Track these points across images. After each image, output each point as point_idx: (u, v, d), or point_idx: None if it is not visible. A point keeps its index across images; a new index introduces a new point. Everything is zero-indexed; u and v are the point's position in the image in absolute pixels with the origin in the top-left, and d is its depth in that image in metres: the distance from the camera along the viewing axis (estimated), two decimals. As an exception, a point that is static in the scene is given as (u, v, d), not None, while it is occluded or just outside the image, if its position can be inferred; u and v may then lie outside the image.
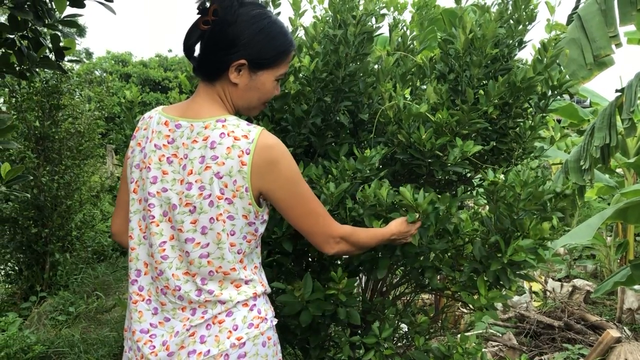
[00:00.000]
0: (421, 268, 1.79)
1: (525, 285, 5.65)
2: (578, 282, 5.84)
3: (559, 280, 6.33)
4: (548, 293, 5.65)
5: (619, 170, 6.58)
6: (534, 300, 5.56)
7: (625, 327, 4.81)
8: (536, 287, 5.79)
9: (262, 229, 1.42)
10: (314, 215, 1.41)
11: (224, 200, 1.31)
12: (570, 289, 5.74)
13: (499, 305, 4.79)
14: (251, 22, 1.35)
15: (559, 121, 9.23)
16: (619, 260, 6.13)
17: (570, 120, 6.60)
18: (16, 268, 5.08)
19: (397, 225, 1.59)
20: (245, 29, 1.34)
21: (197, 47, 1.39)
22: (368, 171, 1.69)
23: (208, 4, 1.33)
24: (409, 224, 1.60)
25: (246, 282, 1.39)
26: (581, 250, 7.10)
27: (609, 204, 7.05)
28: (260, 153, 1.30)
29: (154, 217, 1.37)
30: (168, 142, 1.38)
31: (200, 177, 1.31)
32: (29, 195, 4.56)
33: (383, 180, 1.69)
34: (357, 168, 1.66)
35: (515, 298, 5.36)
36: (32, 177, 4.63)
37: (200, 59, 1.38)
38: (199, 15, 1.35)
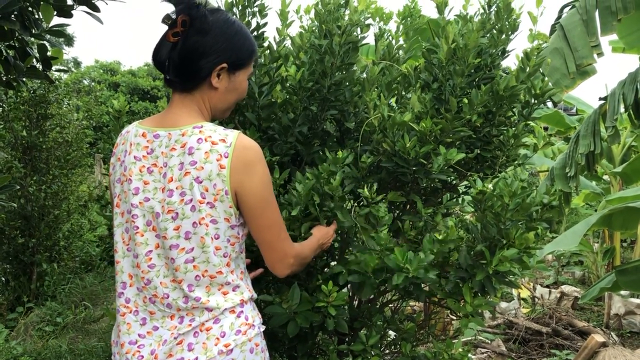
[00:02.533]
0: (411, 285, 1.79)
1: (514, 292, 5.68)
2: (566, 288, 5.89)
3: (547, 286, 6.38)
4: (536, 299, 5.69)
5: (605, 177, 6.67)
6: (523, 307, 5.59)
7: (612, 333, 4.85)
8: (525, 293, 5.82)
9: (242, 232, 1.43)
10: (277, 227, 1.43)
11: (206, 205, 1.32)
12: (558, 295, 5.79)
13: (487, 312, 4.81)
14: (225, 28, 1.39)
15: (545, 129, 9.33)
16: (606, 266, 6.19)
17: (557, 127, 6.68)
18: (2, 279, 5.03)
19: (318, 230, 1.67)
20: (221, 35, 1.38)
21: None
22: (342, 172, 1.70)
23: (174, 16, 1.35)
24: (326, 227, 1.70)
25: (233, 289, 1.40)
26: (569, 256, 7.16)
27: (595, 211, 7.12)
28: (238, 155, 1.32)
29: (138, 227, 1.38)
30: (147, 153, 1.39)
31: (180, 183, 1.32)
32: (15, 205, 4.53)
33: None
34: (330, 170, 1.67)
35: (504, 304, 5.38)
36: (19, 187, 4.60)
37: (176, 70, 1.39)
38: (167, 27, 1.36)
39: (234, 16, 1.46)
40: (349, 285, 2.10)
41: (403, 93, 2.13)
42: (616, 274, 3.46)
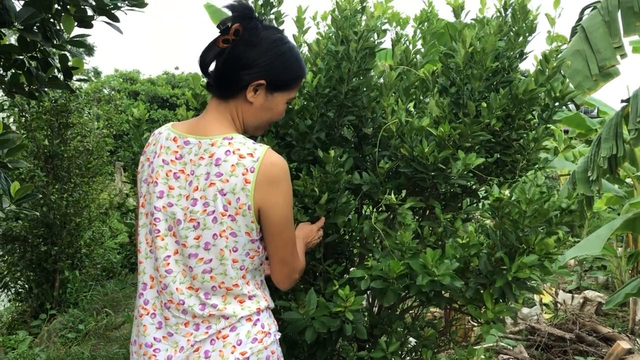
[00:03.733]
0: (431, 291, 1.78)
1: (536, 297, 5.60)
2: (589, 293, 5.79)
3: (570, 292, 6.27)
4: (559, 305, 5.60)
5: (628, 180, 6.55)
6: (545, 313, 5.51)
7: (638, 339, 4.75)
8: (547, 299, 5.74)
9: (262, 245, 1.43)
10: (292, 244, 1.45)
11: (227, 217, 1.32)
12: (581, 300, 5.69)
13: (509, 318, 4.75)
14: (273, 46, 1.39)
15: (566, 131, 9.21)
16: (630, 271, 6.07)
17: (578, 130, 6.59)
18: (26, 286, 5.11)
19: (301, 230, 1.69)
20: (267, 52, 1.38)
21: (213, 64, 1.42)
22: (339, 169, 1.72)
23: (229, 24, 1.36)
24: (309, 225, 1.72)
25: (249, 298, 1.40)
26: (592, 261, 7.03)
27: (619, 214, 7.00)
28: (264, 171, 1.32)
29: (159, 231, 1.39)
30: (176, 158, 1.40)
31: (204, 193, 1.33)
32: (38, 214, 4.60)
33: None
34: (326, 171, 1.70)
35: (526, 310, 5.31)
36: (41, 196, 4.68)
37: (217, 76, 1.40)
38: (219, 33, 1.37)
39: (290, 41, 1.45)
40: (369, 292, 2.09)
41: (421, 97, 2.12)
42: (641, 279, 3.39)
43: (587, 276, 6.86)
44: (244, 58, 1.36)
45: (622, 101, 3.32)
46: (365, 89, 1.94)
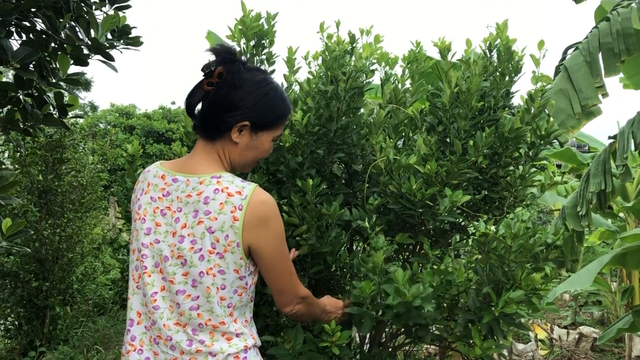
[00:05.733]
0: (414, 325, 1.78)
1: (531, 333, 5.56)
2: (584, 329, 5.75)
3: (565, 327, 6.23)
4: (554, 341, 5.55)
5: (621, 214, 6.58)
6: (540, 349, 5.46)
7: (634, 376, 4.70)
8: (542, 335, 5.69)
9: (251, 282, 1.44)
10: (288, 274, 1.46)
11: (215, 255, 1.34)
12: (576, 336, 5.65)
13: (505, 354, 4.70)
14: (256, 87, 1.42)
15: (559, 166, 9.29)
16: (625, 306, 6.04)
17: (570, 164, 6.66)
18: (16, 322, 5.04)
19: (328, 299, 1.71)
20: (250, 94, 1.41)
21: (199, 106, 1.46)
22: (315, 199, 1.76)
23: (213, 67, 1.40)
24: (338, 300, 1.73)
25: (237, 335, 1.41)
26: (587, 296, 7.01)
27: (612, 249, 7.01)
28: (252, 209, 1.34)
29: (146, 267, 1.40)
30: (163, 195, 1.42)
31: (192, 231, 1.35)
32: (29, 250, 4.58)
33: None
34: (305, 199, 1.73)
35: (521, 346, 5.26)
36: (33, 232, 4.66)
37: (202, 118, 1.44)
38: (204, 76, 1.41)
39: (274, 81, 1.50)
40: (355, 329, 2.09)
41: (410, 135, 2.16)
42: (633, 315, 3.39)
43: (582, 311, 6.82)
44: (228, 100, 1.39)
45: (610, 137, 3.37)
46: (355, 127, 1.98)
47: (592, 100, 2.60)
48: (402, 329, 2.12)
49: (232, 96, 1.39)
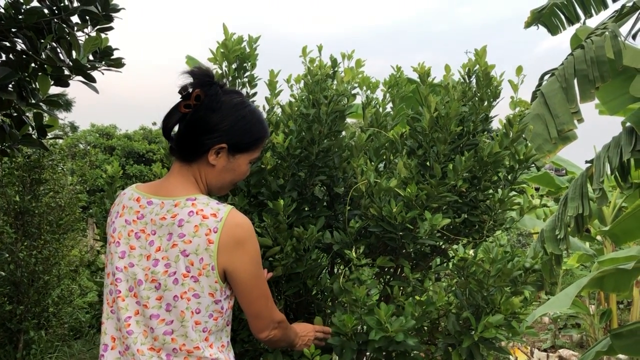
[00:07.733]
0: (394, 351, 1.77)
1: (511, 357, 5.56)
2: (564, 352, 5.78)
3: (545, 350, 6.26)
4: (534, 364, 5.56)
5: (598, 238, 6.67)
6: (521, 372, 5.47)
7: (613, 399, 4.72)
8: (522, 358, 5.70)
9: (227, 306, 1.43)
10: (265, 298, 1.45)
11: (190, 279, 1.32)
12: (556, 359, 5.67)
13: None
14: (233, 110, 1.42)
15: (537, 189, 9.42)
16: (603, 329, 6.10)
17: (548, 188, 6.76)
18: (-13, 348, 4.90)
19: (298, 325, 1.69)
20: (228, 116, 1.40)
21: (176, 128, 1.45)
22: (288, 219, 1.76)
23: (191, 89, 1.40)
24: (307, 324, 1.72)
25: None
26: (566, 319, 7.06)
27: (590, 272, 7.08)
28: (228, 232, 1.33)
29: (120, 291, 1.38)
30: (137, 218, 1.40)
31: (167, 254, 1.33)
32: (3, 273, 4.48)
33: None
34: (276, 219, 1.73)
35: (502, 370, 5.26)
36: (7, 254, 4.56)
37: (179, 140, 1.43)
38: (181, 98, 1.41)
39: (252, 104, 1.50)
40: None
41: (391, 158, 2.18)
42: (611, 338, 3.42)
43: (561, 334, 6.86)
44: (205, 123, 1.39)
45: (587, 162, 3.44)
46: (336, 150, 2.00)
47: (568, 125, 2.65)
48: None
49: (209, 118, 1.39)
